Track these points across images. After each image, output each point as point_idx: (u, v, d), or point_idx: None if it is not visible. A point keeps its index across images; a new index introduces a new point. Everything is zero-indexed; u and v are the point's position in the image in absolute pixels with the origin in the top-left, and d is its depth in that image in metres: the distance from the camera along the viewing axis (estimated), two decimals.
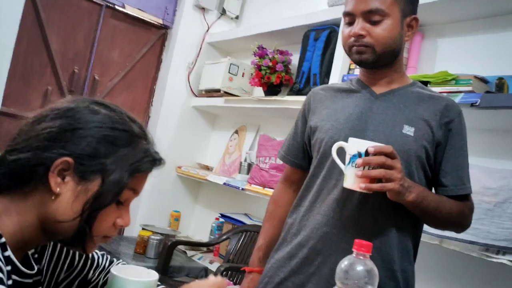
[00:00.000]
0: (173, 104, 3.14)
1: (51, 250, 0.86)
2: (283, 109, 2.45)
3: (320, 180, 1.24)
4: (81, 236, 0.74)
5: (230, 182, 2.59)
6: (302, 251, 1.21)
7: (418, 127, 1.15)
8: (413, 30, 1.22)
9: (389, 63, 1.22)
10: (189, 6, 3.15)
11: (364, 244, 0.77)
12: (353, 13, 1.18)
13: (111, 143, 0.74)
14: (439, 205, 1.13)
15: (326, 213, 1.18)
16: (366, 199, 1.14)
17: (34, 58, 2.74)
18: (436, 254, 1.72)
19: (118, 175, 0.73)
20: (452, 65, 1.77)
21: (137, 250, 2.55)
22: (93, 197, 0.73)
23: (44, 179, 0.71)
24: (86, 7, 2.89)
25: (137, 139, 0.78)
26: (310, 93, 1.38)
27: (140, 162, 0.76)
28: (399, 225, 1.16)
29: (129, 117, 0.80)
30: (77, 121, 0.74)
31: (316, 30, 2.39)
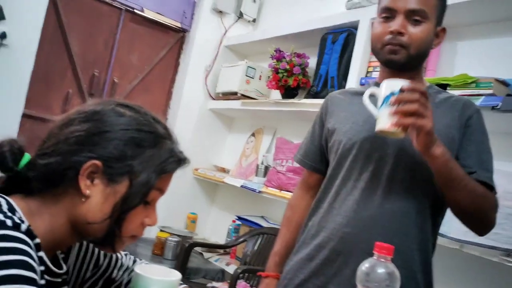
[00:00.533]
0: (190, 106, 3.17)
1: (77, 250, 0.88)
2: (300, 112, 2.46)
3: (339, 182, 1.24)
4: (111, 236, 0.76)
5: (247, 185, 2.60)
6: (323, 252, 1.21)
7: (437, 128, 1.13)
8: (439, 40, 1.22)
9: (416, 67, 1.22)
10: (207, 10, 3.17)
11: (386, 247, 0.77)
12: (395, 9, 1.15)
13: (137, 145, 0.75)
14: (466, 177, 1.08)
15: (346, 214, 1.18)
16: (386, 200, 1.15)
17: (55, 62, 2.79)
18: (456, 258, 1.70)
19: (145, 177, 0.75)
20: (471, 68, 1.76)
21: (154, 251, 2.57)
22: (122, 198, 0.74)
23: (74, 182, 0.73)
24: (106, 11, 2.94)
25: (162, 139, 0.79)
26: (328, 97, 1.39)
27: (166, 163, 0.78)
28: (420, 226, 1.15)
29: (154, 118, 0.81)
30: (104, 124, 0.75)
31: (333, 33, 2.39)
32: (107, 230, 0.75)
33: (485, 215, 1.13)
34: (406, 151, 1.14)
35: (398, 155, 1.16)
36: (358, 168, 1.19)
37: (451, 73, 1.85)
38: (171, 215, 3.11)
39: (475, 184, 1.10)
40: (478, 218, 1.14)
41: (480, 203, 1.10)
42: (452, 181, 1.07)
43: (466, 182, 1.08)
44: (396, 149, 1.16)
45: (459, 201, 1.10)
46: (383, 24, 1.18)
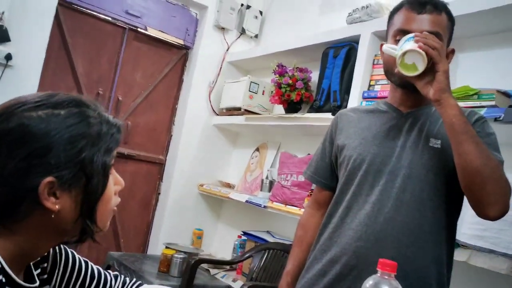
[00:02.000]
0: (194, 122, 3.18)
1: (61, 272, 0.86)
2: (304, 126, 2.46)
3: (349, 197, 1.24)
4: (86, 232, 0.76)
5: (252, 200, 2.60)
6: (335, 268, 1.21)
7: (445, 139, 1.15)
8: (449, 60, 1.24)
9: None
10: (209, 27, 3.21)
11: (389, 264, 0.77)
12: (411, 31, 1.16)
13: (76, 141, 0.72)
14: (477, 137, 1.07)
15: (358, 228, 1.19)
16: (398, 212, 1.15)
17: (60, 81, 2.82)
18: (463, 272, 1.68)
19: (99, 163, 0.74)
20: (473, 80, 1.76)
21: (160, 268, 2.56)
22: (85, 193, 0.73)
23: (36, 204, 0.70)
24: (110, 31, 2.98)
25: (91, 117, 0.75)
26: (338, 114, 1.41)
27: (109, 138, 0.77)
28: (433, 238, 1.16)
29: (69, 100, 0.75)
30: (33, 140, 0.70)
31: (335, 48, 2.40)
32: (81, 228, 0.75)
33: (496, 182, 1.06)
34: (417, 163, 1.16)
35: (409, 166, 1.17)
36: (369, 182, 1.21)
37: (453, 85, 1.83)
38: (176, 232, 3.11)
39: (487, 149, 1.08)
40: (489, 184, 1.06)
41: (494, 166, 1.06)
42: (466, 133, 1.05)
43: (478, 139, 1.06)
44: (407, 161, 1.17)
45: (470, 157, 1.05)
46: None
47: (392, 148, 1.19)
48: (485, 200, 1.08)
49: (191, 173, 3.17)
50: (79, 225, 0.74)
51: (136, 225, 3.17)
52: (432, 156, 1.16)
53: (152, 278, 2.41)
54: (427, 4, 1.19)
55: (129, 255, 2.83)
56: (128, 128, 3.05)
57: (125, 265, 2.56)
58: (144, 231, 3.21)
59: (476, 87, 1.63)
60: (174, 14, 3.18)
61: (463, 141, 1.06)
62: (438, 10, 1.19)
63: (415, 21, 1.18)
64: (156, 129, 3.22)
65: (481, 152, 1.05)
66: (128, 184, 3.08)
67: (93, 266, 0.93)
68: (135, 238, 3.18)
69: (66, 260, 0.88)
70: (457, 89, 1.69)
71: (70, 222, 0.73)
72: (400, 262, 0.83)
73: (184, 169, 3.15)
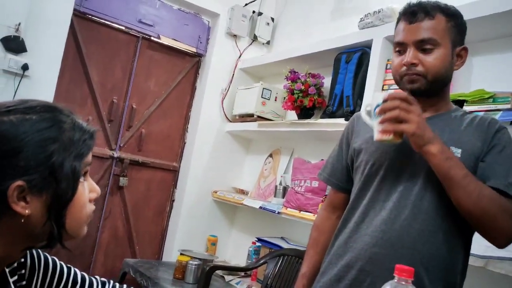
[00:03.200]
0: (207, 130, 3.20)
1: (41, 278, 0.85)
2: (317, 132, 2.46)
3: (366, 202, 1.24)
4: (55, 237, 0.75)
5: (266, 206, 2.60)
6: (351, 273, 1.20)
7: (465, 148, 1.16)
8: (462, 60, 1.24)
9: (439, 91, 1.24)
10: (221, 34, 3.23)
11: (406, 270, 0.76)
12: (405, 42, 1.21)
13: (46, 145, 0.72)
14: (469, 176, 1.09)
15: (374, 234, 1.18)
16: (415, 220, 1.15)
17: (76, 90, 2.87)
18: (480, 277, 1.66)
19: (69, 168, 0.73)
20: (488, 83, 1.75)
21: (176, 275, 2.57)
22: (54, 197, 0.72)
23: (5, 208, 0.70)
24: (124, 40, 3.02)
25: (63, 122, 0.75)
26: (354, 116, 1.41)
27: (81, 144, 0.76)
28: (450, 246, 1.15)
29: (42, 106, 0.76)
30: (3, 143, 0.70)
31: (347, 53, 2.40)
32: (49, 233, 0.74)
33: (493, 218, 1.09)
34: None
35: (427, 174, 1.16)
36: (387, 189, 1.21)
37: (468, 89, 1.84)
38: (191, 238, 3.12)
39: (481, 187, 1.10)
40: (486, 223, 1.11)
41: (486, 206, 1.08)
42: (451, 179, 1.09)
43: (467, 182, 1.08)
44: (425, 168, 1.16)
45: (459, 201, 1.10)
46: (398, 58, 1.24)
47: (410, 155, 1.18)
48: (488, 235, 1.14)
49: (204, 180, 3.18)
50: (47, 229, 0.73)
51: (151, 232, 3.19)
52: None
53: (167, 285, 2.42)
54: (418, 12, 1.20)
55: (145, 261, 2.84)
56: (143, 136, 3.08)
57: (140, 272, 2.57)
58: (159, 238, 3.23)
59: (491, 90, 1.62)
60: (186, 22, 3.21)
61: (451, 188, 1.10)
62: (430, 15, 1.19)
63: (406, 32, 1.21)
64: (170, 136, 3.24)
65: (469, 195, 1.08)
66: (143, 191, 3.12)
67: (76, 272, 0.92)
68: (150, 245, 3.20)
69: (46, 266, 0.86)
70: (472, 93, 1.68)
71: (39, 226, 0.73)
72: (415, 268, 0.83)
73: (198, 176, 3.16)
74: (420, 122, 1.09)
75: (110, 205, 3.02)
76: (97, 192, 0.82)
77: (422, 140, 1.09)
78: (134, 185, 3.10)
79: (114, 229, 3.06)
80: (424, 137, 1.09)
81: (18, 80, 2.46)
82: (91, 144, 0.78)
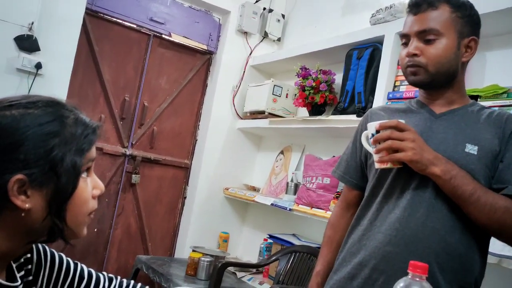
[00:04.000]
0: (219, 127, 3.21)
1: (47, 274, 0.86)
2: (328, 129, 2.46)
3: (379, 199, 1.23)
4: (55, 232, 0.75)
5: (277, 203, 2.60)
6: (364, 271, 1.20)
7: (481, 145, 1.14)
8: (471, 51, 1.22)
9: (446, 84, 1.22)
10: (232, 31, 3.23)
11: (420, 266, 0.76)
12: (408, 34, 1.22)
13: (47, 139, 0.72)
14: (478, 191, 1.08)
15: (387, 232, 1.17)
16: (429, 218, 1.13)
17: (88, 88, 2.89)
18: (495, 274, 1.65)
19: (69, 163, 0.73)
20: (502, 78, 1.73)
21: (188, 271, 2.59)
22: (55, 192, 0.72)
23: (5, 202, 0.70)
24: (135, 38, 3.04)
25: (66, 118, 0.75)
26: (368, 112, 1.40)
27: (83, 139, 0.76)
28: (465, 245, 1.13)
29: (46, 101, 0.76)
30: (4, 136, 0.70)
31: (358, 49, 2.39)
32: (50, 227, 0.74)
33: (510, 229, 1.09)
34: None
35: None
36: (400, 185, 1.19)
37: (481, 84, 1.82)
38: (203, 235, 3.14)
39: (494, 199, 1.09)
40: (504, 233, 1.12)
41: (501, 218, 1.08)
42: (458, 198, 1.10)
43: (476, 198, 1.08)
44: None
45: (472, 216, 1.11)
46: (403, 50, 1.24)
47: None
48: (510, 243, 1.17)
49: (216, 177, 3.19)
50: (48, 224, 0.73)
51: (163, 229, 3.21)
52: (468, 162, 1.13)
53: (180, 281, 2.43)
54: (422, 3, 1.20)
55: (157, 258, 2.87)
56: (155, 134, 3.10)
57: (153, 269, 2.59)
58: (171, 234, 3.25)
59: (505, 85, 1.60)
60: (197, 20, 3.22)
61: (460, 205, 1.11)
62: (434, 6, 1.18)
63: (410, 24, 1.22)
64: (181, 133, 3.26)
65: (481, 210, 1.08)
66: (155, 189, 3.14)
67: (83, 268, 0.92)
68: (163, 241, 3.22)
69: (52, 262, 0.87)
70: (485, 88, 1.66)
71: (39, 221, 0.73)
72: (429, 268, 0.82)
73: (209, 173, 3.18)
74: (415, 148, 1.09)
75: (122, 202, 3.05)
76: (101, 189, 0.81)
77: (422, 165, 1.10)
78: (146, 182, 3.12)
79: (127, 226, 3.08)
80: (423, 161, 1.09)
81: (32, 79, 2.49)
82: (93, 139, 0.78)
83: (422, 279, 0.76)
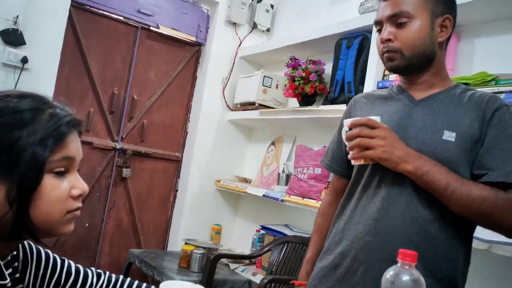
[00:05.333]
0: (209, 119, 3.20)
1: (34, 271, 0.85)
2: (319, 119, 2.45)
3: (360, 188, 1.23)
4: (20, 228, 0.72)
5: (269, 194, 2.60)
6: (346, 261, 1.20)
7: (459, 131, 1.12)
8: (447, 30, 1.20)
9: (424, 67, 1.21)
10: (221, 22, 3.21)
11: (409, 254, 0.76)
12: (380, 20, 1.22)
13: (11, 130, 0.70)
14: (452, 184, 1.07)
15: (367, 222, 1.17)
16: (409, 208, 1.13)
17: (76, 82, 2.86)
18: (484, 260, 1.67)
19: (29, 155, 0.70)
20: (490, 66, 1.73)
21: (181, 264, 2.59)
22: (14, 186, 0.70)
23: None
24: (123, 30, 3.00)
25: (43, 112, 0.74)
26: (352, 100, 1.40)
27: (51, 132, 0.73)
28: (448, 234, 1.13)
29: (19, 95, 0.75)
30: None
31: (348, 38, 2.39)
32: (12, 222, 0.70)
33: (490, 216, 1.08)
34: (430, 155, 1.12)
35: None
36: (379, 176, 1.18)
37: (470, 72, 1.83)
38: (195, 227, 3.14)
39: (470, 189, 1.07)
40: (483, 221, 1.12)
41: (478, 207, 1.07)
42: (433, 192, 1.10)
43: (451, 191, 1.07)
44: None
45: (450, 208, 1.10)
46: (378, 37, 1.23)
47: (403, 140, 1.14)
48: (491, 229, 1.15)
49: (207, 169, 3.19)
50: (9, 220, 0.70)
51: (155, 222, 3.21)
52: (444, 150, 1.11)
53: (173, 274, 2.43)
54: None
55: (150, 251, 2.86)
56: (145, 127, 3.08)
57: (146, 262, 2.59)
58: (163, 228, 3.24)
59: (494, 72, 1.61)
60: (185, 11, 3.19)
61: (438, 198, 1.10)
62: None
63: (382, 10, 1.21)
64: (172, 126, 3.24)
65: (457, 202, 1.08)
66: (146, 182, 3.12)
67: (70, 264, 0.91)
68: (155, 235, 3.21)
69: (38, 258, 0.86)
70: (474, 75, 1.66)
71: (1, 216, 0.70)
72: None
73: (201, 165, 3.17)
74: (385, 145, 1.09)
75: (114, 196, 3.03)
76: (81, 189, 0.77)
77: (393, 162, 1.10)
78: (137, 176, 3.11)
79: (119, 220, 3.07)
80: (392, 159, 1.09)
81: (18, 73, 2.45)
82: (64, 132, 0.74)
83: (411, 267, 0.76)
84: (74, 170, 0.78)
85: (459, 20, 1.26)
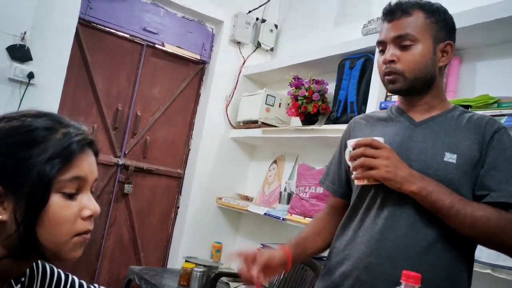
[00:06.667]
0: (212, 136, 3.21)
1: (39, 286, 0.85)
2: (321, 138, 2.46)
3: (363, 210, 1.23)
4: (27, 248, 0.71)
5: (270, 212, 2.60)
6: (347, 282, 1.20)
7: (460, 153, 1.13)
8: (448, 56, 1.23)
9: (425, 90, 1.22)
10: (225, 41, 3.25)
11: (413, 276, 0.76)
12: (384, 40, 1.22)
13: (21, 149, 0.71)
14: (456, 204, 1.07)
15: (369, 243, 1.17)
16: (411, 229, 1.13)
17: (81, 98, 2.88)
18: (487, 283, 1.65)
19: (36, 173, 0.70)
20: (492, 88, 1.74)
21: (181, 282, 2.57)
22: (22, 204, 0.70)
23: None
24: (128, 48, 3.04)
25: (49, 131, 0.73)
26: (351, 121, 1.40)
27: (60, 150, 0.72)
28: (448, 255, 1.13)
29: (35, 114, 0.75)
30: None
31: (351, 59, 2.41)
32: (19, 242, 0.70)
33: (494, 237, 1.08)
34: (433, 177, 1.12)
35: None
36: (382, 197, 1.19)
37: (472, 94, 1.84)
38: (196, 245, 3.12)
39: (473, 209, 1.08)
40: (487, 242, 1.12)
41: (482, 228, 1.07)
42: (438, 212, 1.10)
43: (455, 211, 1.07)
44: None
45: (455, 228, 1.10)
46: (380, 58, 1.24)
47: (405, 161, 1.14)
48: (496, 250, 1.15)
49: (209, 187, 3.18)
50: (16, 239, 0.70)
51: (156, 239, 3.19)
52: (446, 172, 1.12)
53: None
54: (395, 10, 1.21)
55: (150, 269, 2.84)
56: (148, 143, 3.09)
57: (145, 279, 2.57)
58: (163, 245, 3.23)
59: (496, 95, 1.62)
60: (190, 29, 3.23)
61: (441, 218, 1.10)
62: (408, 13, 1.19)
63: (386, 31, 1.23)
64: (174, 143, 3.25)
65: (462, 223, 1.08)
66: (148, 198, 3.12)
67: (74, 279, 0.91)
68: (155, 252, 3.20)
69: (44, 274, 0.86)
70: (476, 98, 1.67)
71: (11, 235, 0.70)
72: None
73: (203, 182, 3.17)
74: (388, 166, 1.10)
75: (115, 212, 3.03)
76: (92, 210, 0.76)
77: (396, 183, 1.10)
78: (139, 192, 3.11)
79: (119, 236, 3.06)
80: (396, 179, 1.10)
81: (24, 89, 2.48)
82: (73, 150, 0.74)
83: None
84: (87, 190, 0.77)
85: (461, 43, 1.29)
